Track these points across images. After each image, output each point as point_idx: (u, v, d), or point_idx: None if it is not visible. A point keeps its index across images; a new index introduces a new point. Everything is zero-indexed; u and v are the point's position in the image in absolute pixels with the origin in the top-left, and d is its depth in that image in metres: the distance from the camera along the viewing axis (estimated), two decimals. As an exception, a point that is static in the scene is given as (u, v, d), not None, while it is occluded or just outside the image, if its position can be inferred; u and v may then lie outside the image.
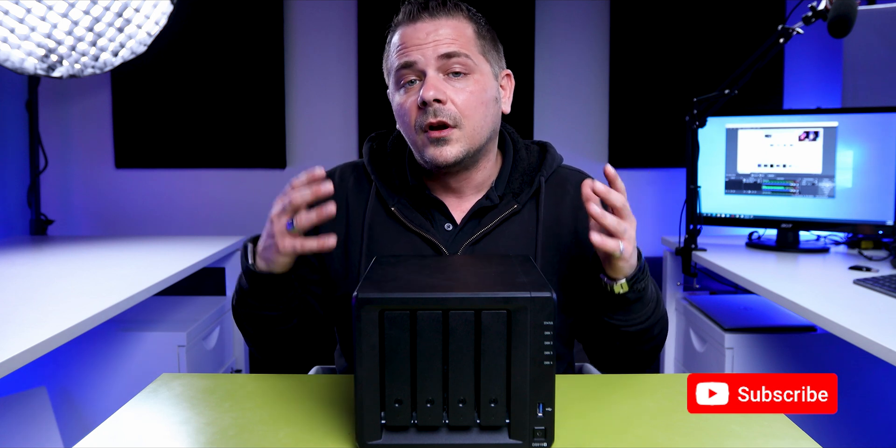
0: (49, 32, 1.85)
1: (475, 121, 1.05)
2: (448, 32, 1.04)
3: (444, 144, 1.04)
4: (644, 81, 2.87)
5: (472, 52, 1.05)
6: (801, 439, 0.79)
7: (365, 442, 0.75)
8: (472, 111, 1.04)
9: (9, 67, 1.80)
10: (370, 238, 1.11)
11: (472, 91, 1.05)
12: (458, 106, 1.03)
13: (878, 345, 1.20)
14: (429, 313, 0.73)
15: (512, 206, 1.11)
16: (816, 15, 1.85)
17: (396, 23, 1.08)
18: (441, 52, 1.03)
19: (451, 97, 1.03)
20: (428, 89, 1.01)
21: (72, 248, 2.21)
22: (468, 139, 1.05)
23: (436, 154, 1.04)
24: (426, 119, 1.03)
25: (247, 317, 1.06)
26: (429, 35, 1.04)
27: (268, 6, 2.83)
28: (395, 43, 1.07)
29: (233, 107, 2.86)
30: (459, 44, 1.04)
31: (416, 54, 1.03)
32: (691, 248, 2.11)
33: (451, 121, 1.03)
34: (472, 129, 1.05)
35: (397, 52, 1.06)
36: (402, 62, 1.04)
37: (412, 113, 1.05)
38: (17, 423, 1.69)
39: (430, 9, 1.05)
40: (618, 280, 0.97)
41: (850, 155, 2.08)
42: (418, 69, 1.04)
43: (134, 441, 0.81)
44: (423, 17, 1.05)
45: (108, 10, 1.95)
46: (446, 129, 1.03)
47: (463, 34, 1.05)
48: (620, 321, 1.02)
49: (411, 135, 1.07)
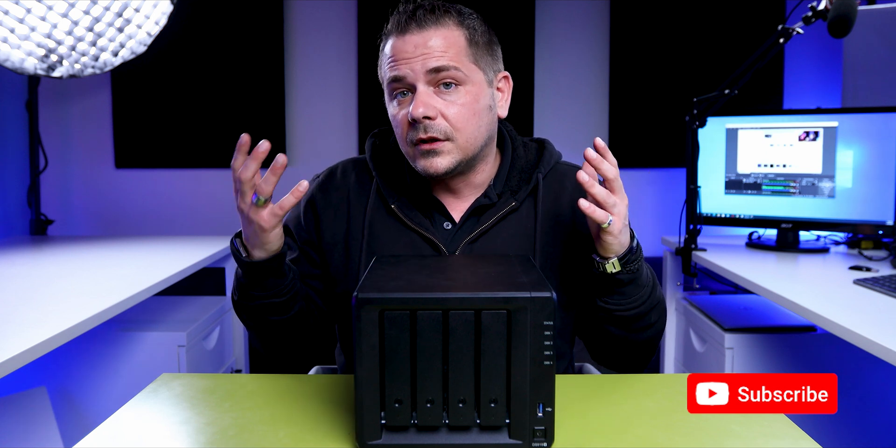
0: (49, 32, 1.85)
1: (468, 132, 1.05)
2: (438, 44, 1.02)
3: (434, 156, 1.04)
4: (644, 81, 2.87)
5: (462, 63, 1.03)
6: (801, 439, 0.79)
7: (365, 442, 0.75)
8: (464, 124, 1.04)
9: (9, 67, 1.80)
10: (370, 235, 1.11)
11: (464, 103, 1.04)
12: (450, 120, 1.03)
13: (878, 345, 1.20)
14: (429, 313, 0.73)
15: (510, 204, 1.11)
16: (816, 15, 1.85)
17: (387, 32, 1.07)
18: (429, 66, 1.02)
19: (442, 111, 1.02)
20: (417, 106, 1.01)
21: (72, 248, 2.21)
22: (461, 150, 1.05)
23: (427, 165, 1.04)
24: (416, 134, 1.03)
25: (250, 309, 1.06)
26: (417, 48, 1.02)
27: (268, 6, 2.84)
28: (385, 54, 1.06)
29: (233, 107, 2.86)
30: (449, 56, 1.02)
31: (405, 68, 1.02)
32: (691, 248, 2.11)
33: (442, 135, 1.03)
34: (464, 141, 1.05)
35: (388, 64, 1.05)
36: (391, 76, 1.04)
37: (404, 127, 1.05)
38: (17, 423, 1.69)
39: (418, 19, 1.03)
40: (609, 259, 0.97)
41: (850, 155, 2.08)
42: (408, 83, 1.03)
43: (134, 441, 0.81)
44: (411, 28, 1.03)
45: (108, 10, 1.95)
46: (437, 142, 1.03)
47: (453, 44, 1.04)
48: (615, 305, 1.02)
49: (404, 146, 1.07)
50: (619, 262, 0.97)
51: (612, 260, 0.97)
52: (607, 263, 0.98)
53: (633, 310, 1.02)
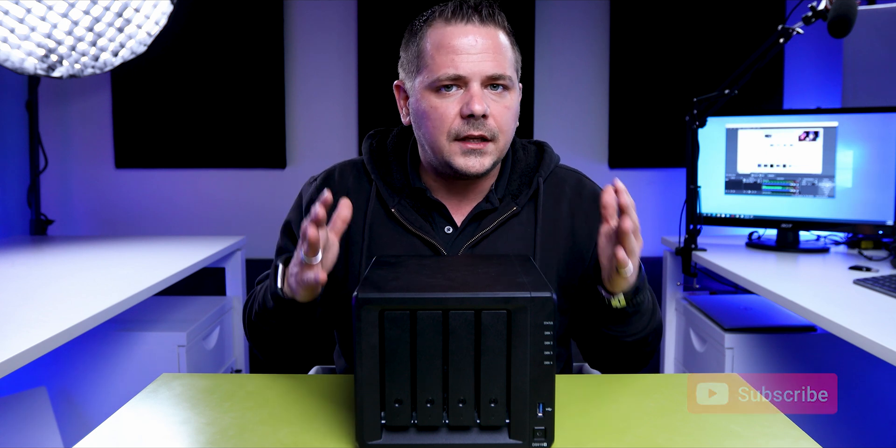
0: (49, 32, 1.85)
1: (507, 135, 1.07)
2: (495, 47, 1.03)
3: (479, 155, 1.04)
4: (644, 81, 2.87)
5: (511, 71, 1.06)
6: (801, 439, 0.79)
7: (365, 442, 0.75)
8: (507, 127, 1.06)
9: (9, 67, 1.80)
10: (370, 239, 1.11)
11: (508, 107, 1.06)
12: (497, 121, 1.04)
13: (878, 345, 1.20)
14: (429, 313, 0.73)
15: (511, 209, 1.11)
16: (816, 15, 1.85)
17: (441, 13, 1.05)
18: (489, 73, 1.02)
19: (493, 111, 1.04)
20: (477, 102, 1.01)
21: (72, 248, 2.21)
22: (499, 152, 1.07)
23: (468, 164, 1.04)
24: (468, 130, 1.03)
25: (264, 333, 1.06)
26: (477, 45, 1.02)
27: (268, 6, 2.83)
28: (438, 42, 1.04)
29: (233, 107, 2.86)
30: (504, 65, 1.04)
31: (465, 67, 1.02)
32: (691, 248, 2.11)
33: (490, 135, 1.04)
34: (503, 143, 1.07)
35: (442, 53, 1.03)
36: (448, 72, 1.02)
37: (448, 120, 1.03)
38: (17, 423, 1.69)
39: (482, 13, 1.04)
40: (615, 295, 0.97)
41: (850, 155, 2.08)
42: (464, 80, 1.03)
43: (134, 441, 0.81)
44: (473, 19, 1.03)
45: (108, 10, 1.95)
46: (483, 142, 1.04)
47: (506, 50, 1.05)
48: (619, 332, 1.02)
49: (440, 141, 1.05)
50: (625, 298, 0.97)
51: (619, 296, 0.97)
52: (613, 299, 0.97)
53: (634, 336, 1.03)
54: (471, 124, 1.02)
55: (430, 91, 1.05)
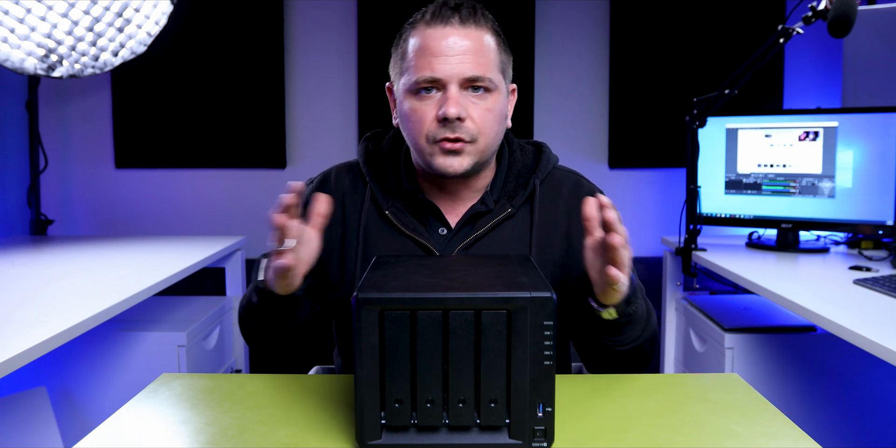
0: (49, 32, 1.85)
1: (489, 138, 1.05)
2: (475, 48, 1.02)
3: (455, 156, 1.04)
4: (644, 81, 2.87)
5: (493, 73, 1.04)
6: (801, 439, 0.79)
7: (365, 442, 0.75)
8: (488, 129, 1.04)
9: (9, 67, 1.80)
10: (365, 240, 1.11)
11: (490, 109, 1.04)
12: (476, 123, 1.03)
13: (878, 345, 1.20)
14: (429, 313, 0.73)
15: (506, 210, 1.11)
16: (816, 15, 1.85)
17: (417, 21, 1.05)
18: (467, 75, 1.01)
19: (471, 114, 1.03)
20: (452, 105, 1.00)
21: (72, 248, 2.21)
22: (479, 153, 1.05)
23: (447, 164, 1.04)
24: (444, 133, 1.02)
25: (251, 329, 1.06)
26: (456, 46, 1.01)
27: (268, 6, 2.83)
28: (417, 44, 1.03)
29: (233, 107, 2.86)
30: (485, 67, 1.03)
31: (442, 69, 1.01)
32: (691, 248, 2.11)
33: (468, 137, 1.03)
34: (484, 145, 1.05)
35: (420, 56, 1.02)
36: (424, 74, 1.02)
37: (426, 123, 1.03)
38: (17, 423, 1.69)
39: (462, 14, 1.03)
40: (606, 307, 0.95)
41: (850, 155, 2.08)
42: (441, 83, 1.02)
43: (134, 441, 0.81)
44: (452, 21, 1.02)
45: (108, 10, 1.95)
46: (460, 143, 1.03)
47: (489, 52, 1.04)
48: (613, 342, 1.01)
49: (420, 143, 1.05)
50: (616, 311, 0.95)
51: (610, 309, 0.95)
52: (604, 312, 0.95)
53: (629, 345, 1.01)
54: (447, 127, 1.02)
55: (410, 94, 1.05)
